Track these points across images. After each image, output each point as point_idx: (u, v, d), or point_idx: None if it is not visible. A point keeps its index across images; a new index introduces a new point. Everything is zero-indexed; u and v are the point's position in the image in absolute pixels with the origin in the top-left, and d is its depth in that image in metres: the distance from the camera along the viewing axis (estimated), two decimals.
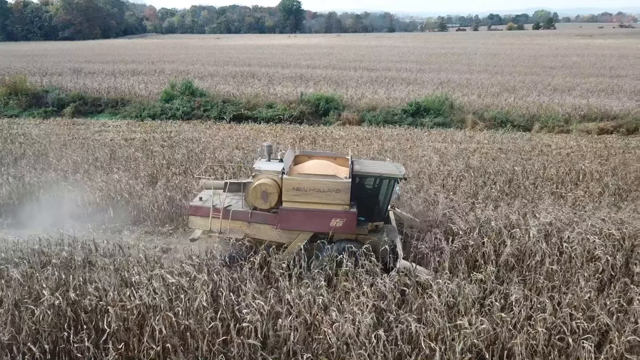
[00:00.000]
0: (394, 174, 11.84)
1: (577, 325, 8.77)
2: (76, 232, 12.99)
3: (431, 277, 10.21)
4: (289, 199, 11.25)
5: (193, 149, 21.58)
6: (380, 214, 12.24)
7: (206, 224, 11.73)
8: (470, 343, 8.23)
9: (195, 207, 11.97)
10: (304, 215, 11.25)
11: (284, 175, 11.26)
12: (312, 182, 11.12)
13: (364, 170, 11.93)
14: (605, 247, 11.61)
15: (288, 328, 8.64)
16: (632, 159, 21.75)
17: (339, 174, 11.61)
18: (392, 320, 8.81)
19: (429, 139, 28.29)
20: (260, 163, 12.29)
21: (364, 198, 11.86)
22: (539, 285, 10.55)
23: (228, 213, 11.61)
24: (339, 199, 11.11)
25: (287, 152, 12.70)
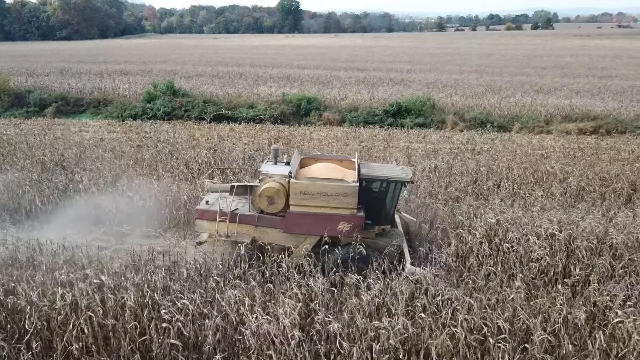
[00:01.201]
0: (402, 178, 11.84)
1: (500, 326, 8.82)
2: (29, 233, 13.07)
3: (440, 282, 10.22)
4: (296, 203, 11.29)
5: (162, 149, 21.65)
6: (387, 217, 12.25)
7: (213, 228, 11.76)
8: (388, 344, 8.27)
9: (202, 210, 11.99)
10: (311, 219, 11.28)
11: (291, 179, 11.27)
12: (320, 186, 11.14)
13: (371, 173, 11.92)
14: (545, 247, 11.65)
15: (214, 328, 8.69)
16: (600, 159, 21.77)
17: (345, 177, 11.64)
18: (317, 321, 8.85)
19: (407, 140, 28.36)
20: (267, 166, 12.32)
21: (371, 201, 11.84)
22: (476, 286, 10.60)
23: (235, 216, 11.64)
24: (346, 202, 11.15)
25: (294, 155, 12.75)
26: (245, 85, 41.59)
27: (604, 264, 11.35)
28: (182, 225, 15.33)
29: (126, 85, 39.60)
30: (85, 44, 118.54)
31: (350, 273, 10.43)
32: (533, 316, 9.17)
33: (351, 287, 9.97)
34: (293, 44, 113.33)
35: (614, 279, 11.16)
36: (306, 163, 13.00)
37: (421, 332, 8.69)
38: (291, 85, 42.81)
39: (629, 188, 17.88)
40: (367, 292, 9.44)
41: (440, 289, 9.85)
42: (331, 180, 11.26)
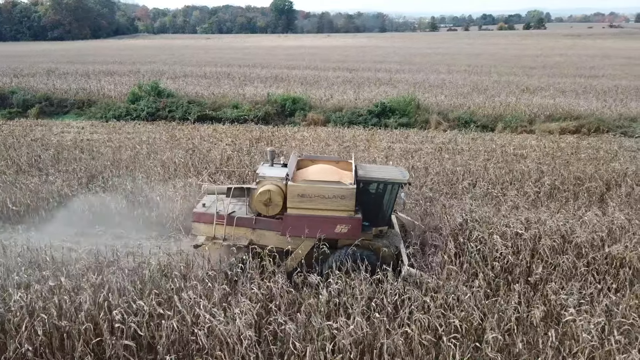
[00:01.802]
0: (399, 179, 11.83)
1: (456, 325, 8.89)
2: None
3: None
4: (294, 206, 11.24)
5: (140, 150, 21.62)
6: (385, 219, 12.25)
7: (210, 231, 11.69)
8: (341, 344, 8.31)
9: (199, 213, 11.92)
10: (308, 222, 11.24)
11: (288, 182, 11.24)
12: (317, 189, 11.11)
13: (369, 175, 11.90)
14: (509, 247, 11.74)
15: (169, 329, 8.70)
16: (579, 159, 21.91)
17: (343, 179, 11.62)
18: (273, 321, 8.89)
19: (390, 140, 28.39)
20: (263, 168, 12.25)
21: (368, 203, 11.84)
22: (439, 285, 10.66)
23: (232, 219, 11.60)
24: (343, 205, 11.12)
25: (291, 157, 12.69)
26: (232, 85, 41.57)
27: (566, 263, 11.45)
28: (154, 226, 15.31)
29: (112, 85, 39.47)
30: (76, 44, 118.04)
31: (352, 273, 10.49)
32: (491, 315, 9.24)
33: (312, 287, 9.99)
34: (285, 44, 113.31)
35: (576, 277, 11.25)
36: (303, 165, 12.96)
37: (376, 332, 8.73)
38: (278, 85, 42.80)
39: (603, 187, 18.05)
40: (324, 292, 9.46)
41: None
42: (329, 183, 11.25)
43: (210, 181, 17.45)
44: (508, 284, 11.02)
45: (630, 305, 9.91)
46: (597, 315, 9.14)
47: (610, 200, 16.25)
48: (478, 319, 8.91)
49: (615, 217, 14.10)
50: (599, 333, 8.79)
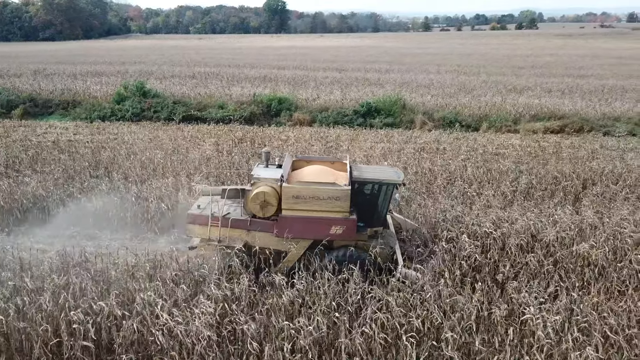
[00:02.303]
0: (393, 180, 11.84)
1: (416, 325, 8.94)
2: None
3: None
4: (289, 207, 11.21)
5: (119, 151, 21.57)
6: (380, 219, 12.25)
7: (205, 233, 11.65)
8: (300, 344, 8.34)
9: (194, 215, 11.87)
10: (303, 223, 11.24)
11: (283, 183, 11.22)
12: (312, 190, 11.09)
13: (363, 176, 11.90)
14: (478, 246, 11.81)
15: (129, 330, 8.70)
16: (556, 158, 22.05)
17: (337, 180, 11.63)
18: (233, 321, 8.90)
19: (374, 139, 28.45)
20: (258, 170, 12.22)
21: (363, 204, 11.84)
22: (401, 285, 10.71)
23: (227, 221, 11.56)
24: (338, 206, 11.10)
25: (285, 158, 12.67)
26: (219, 85, 41.52)
27: (533, 262, 11.53)
28: (130, 226, 15.29)
29: (98, 86, 39.33)
30: (67, 44, 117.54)
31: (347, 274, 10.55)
32: (453, 314, 9.30)
33: (275, 287, 10.02)
34: (276, 44, 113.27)
35: (542, 275, 11.34)
36: (298, 166, 12.95)
37: (337, 332, 8.77)
38: (266, 85, 42.77)
39: (579, 186, 18.18)
40: (286, 292, 9.49)
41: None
42: (323, 184, 11.25)
43: (201, 183, 17.40)
44: (473, 283, 11.09)
45: (593, 303, 10.01)
46: (556, 313, 9.22)
47: (584, 199, 16.36)
48: (438, 318, 8.96)
49: (587, 216, 14.23)
50: (558, 331, 8.87)
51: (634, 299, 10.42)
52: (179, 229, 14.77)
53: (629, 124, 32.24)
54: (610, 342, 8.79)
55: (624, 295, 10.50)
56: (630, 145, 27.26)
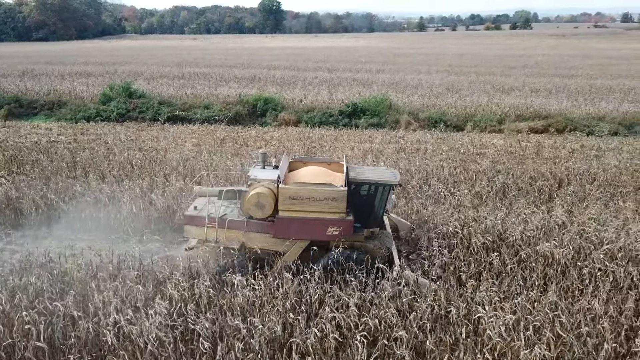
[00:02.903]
0: (390, 181, 11.86)
1: (370, 324, 9.00)
2: None
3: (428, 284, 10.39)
4: (285, 208, 11.22)
5: (97, 151, 21.57)
6: (376, 220, 12.27)
7: (202, 234, 11.65)
8: (254, 342, 8.38)
9: (191, 216, 11.88)
10: (300, 224, 11.27)
11: (280, 184, 11.25)
12: (309, 191, 11.10)
13: (360, 177, 11.91)
14: (445, 247, 11.88)
15: (84, 330, 8.72)
16: (535, 158, 22.16)
17: (334, 181, 11.63)
18: (187, 321, 8.94)
19: (358, 139, 28.50)
20: (255, 171, 12.22)
21: (359, 205, 11.86)
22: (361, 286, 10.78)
23: (224, 222, 11.59)
24: (335, 207, 11.13)
25: (282, 159, 12.68)
26: (206, 86, 41.54)
27: (496, 261, 11.61)
28: (102, 227, 15.30)
29: (85, 86, 39.28)
30: (61, 45, 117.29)
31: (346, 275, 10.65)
32: (409, 313, 9.36)
33: (234, 287, 10.05)
34: (270, 44, 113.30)
35: (505, 274, 11.41)
36: (294, 167, 12.96)
37: (293, 331, 8.81)
38: (254, 85, 42.83)
39: (555, 185, 18.28)
40: (243, 292, 9.53)
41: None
42: (320, 185, 11.27)
43: (148, 182, 17.38)
44: (436, 282, 11.17)
45: (550, 302, 10.08)
46: (512, 312, 9.28)
47: (556, 199, 16.45)
48: (392, 318, 9.02)
49: (555, 215, 14.32)
50: (510, 329, 8.93)
51: (596, 297, 10.49)
52: (150, 229, 14.89)
53: (612, 124, 32.41)
54: (562, 340, 8.85)
55: (582, 294, 10.57)
56: (612, 145, 27.42)
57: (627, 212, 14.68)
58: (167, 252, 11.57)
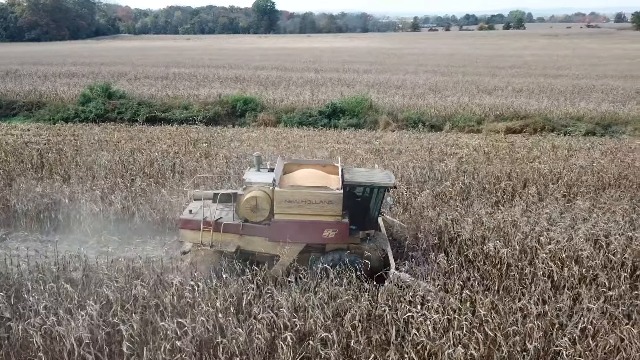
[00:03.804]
0: (385, 183, 11.85)
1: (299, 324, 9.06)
2: None
3: (429, 287, 10.47)
4: (281, 211, 11.21)
5: (66, 153, 21.57)
6: (372, 222, 12.28)
7: (197, 237, 11.62)
8: (179, 343, 8.42)
9: (186, 220, 11.83)
10: (296, 227, 11.22)
11: (275, 188, 11.23)
12: (304, 194, 11.09)
13: (355, 179, 11.90)
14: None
15: (16, 332, 8.74)
16: (513, 157, 22.26)
17: (329, 183, 11.65)
18: (116, 322, 8.96)
19: (336, 140, 28.50)
20: (250, 174, 12.18)
21: (355, 207, 11.87)
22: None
23: (219, 226, 11.56)
24: (331, 210, 11.11)
25: (277, 162, 12.67)
26: (189, 86, 41.54)
27: (442, 261, 11.68)
28: (62, 227, 15.32)
29: (66, 87, 39.20)
30: (52, 45, 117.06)
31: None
32: (344, 313, 9.42)
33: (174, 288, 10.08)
34: (261, 45, 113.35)
35: (451, 274, 11.48)
36: (289, 169, 12.96)
37: (224, 332, 8.85)
38: (237, 86, 42.80)
39: (520, 185, 18.37)
40: (170, 291, 9.58)
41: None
42: (316, 188, 11.26)
43: (111, 183, 17.36)
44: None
45: (489, 301, 10.14)
46: (441, 312, 9.35)
47: (515, 199, 16.54)
48: (323, 319, 9.07)
49: (511, 215, 14.40)
50: (440, 329, 9.00)
51: (535, 297, 10.57)
52: (109, 230, 14.91)
53: (590, 124, 32.58)
54: (491, 339, 8.91)
55: (524, 294, 10.64)
56: (587, 145, 27.55)
57: (580, 212, 14.75)
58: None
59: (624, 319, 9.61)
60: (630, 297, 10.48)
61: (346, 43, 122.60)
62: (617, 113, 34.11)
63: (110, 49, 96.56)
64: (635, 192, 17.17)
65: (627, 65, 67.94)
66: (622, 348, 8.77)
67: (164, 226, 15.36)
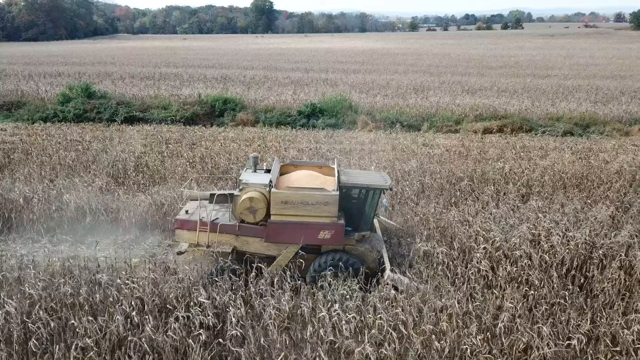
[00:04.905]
0: (381, 185, 11.95)
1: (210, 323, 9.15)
2: None
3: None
4: (277, 212, 11.29)
5: (31, 152, 21.67)
6: (367, 224, 12.37)
7: (193, 238, 11.70)
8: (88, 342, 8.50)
9: (182, 220, 11.92)
10: (292, 228, 11.35)
11: (272, 189, 11.29)
12: (300, 196, 11.19)
13: (351, 181, 12.00)
14: None
15: None
16: (485, 158, 22.29)
17: (326, 185, 11.72)
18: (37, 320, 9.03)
19: (310, 140, 28.53)
20: (246, 175, 12.26)
21: (350, 208, 11.96)
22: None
23: (216, 226, 11.64)
24: (327, 211, 11.21)
25: (274, 163, 12.78)
26: (173, 86, 41.61)
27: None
28: (16, 227, 15.40)
29: (49, 87, 39.32)
30: (48, 45, 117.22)
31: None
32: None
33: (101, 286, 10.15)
34: (257, 44, 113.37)
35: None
36: (286, 170, 13.05)
37: (142, 331, 8.93)
38: (221, 85, 42.89)
39: (478, 185, 18.41)
40: (83, 290, 9.68)
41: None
42: (312, 190, 11.34)
43: (70, 181, 17.44)
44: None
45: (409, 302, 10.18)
46: (356, 312, 9.41)
47: (468, 199, 16.58)
48: (235, 317, 9.15)
49: (460, 214, 14.45)
50: (354, 329, 9.06)
51: (459, 295, 10.60)
52: (63, 229, 15.03)
53: (568, 124, 32.59)
54: (406, 339, 8.96)
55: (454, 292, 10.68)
56: (562, 145, 27.57)
57: (527, 212, 14.78)
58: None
59: (542, 318, 9.65)
60: (556, 296, 10.51)
61: (342, 43, 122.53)
62: (596, 113, 34.10)
63: (106, 49, 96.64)
64: (590, 192, 17.18)
65: (617, 65, 67.81)
66: (536, 347, 8.81)
67: (117, 226, 15.44)
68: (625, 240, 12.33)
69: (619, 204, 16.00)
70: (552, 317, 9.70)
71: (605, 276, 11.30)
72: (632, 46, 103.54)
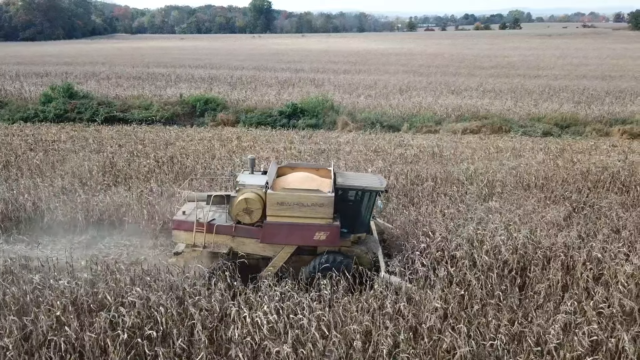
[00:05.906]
0: (376, 187, 12.02)
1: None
2: None
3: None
4: (273, 214, 11.38)
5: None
6: (363, 225, 12.45)
7: (190, 238, 11.81)
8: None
9: (179, 221, 12.01)
10: (288, 229, 11.43)
11: (268, 190, 11.36)
12: (296, 197, 11.27)
13: (347, 183, 12.06)
14: None
15: None
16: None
17: (322, 187, 11.79)
18: None
19: (289, 140, 28.55)
20: (243, 176, 12.38)
21: (346, 210, 12.04)
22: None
23: (212, 227, 11.72)
24: (322, 212, 11.29)
25: (271, 165, 12.89)
26: (158, 86, 41.64)
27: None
28: None
29: (33, 87, 39.41)
30: (45, 45, 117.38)
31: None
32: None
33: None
34: (253, 44, 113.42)
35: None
36: (283, 172, 13.11)
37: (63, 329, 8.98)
38: (206, 85, 42.92)
39: (445, 186, 18.44)
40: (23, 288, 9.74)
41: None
42: (308, 191, 11.41)
43: (40, 180, 17.51)
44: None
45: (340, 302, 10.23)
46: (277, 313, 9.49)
47: (425, 199, 16.61)
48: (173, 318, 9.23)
49: (419, 214, 14.50)
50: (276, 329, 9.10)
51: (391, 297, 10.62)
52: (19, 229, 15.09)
53: (548, 125, 32.58)
54: (330, 339, 9.00)
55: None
56: (538, 146, 27.56)
57: (480, 212, 14.80)
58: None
59: (473, 319, 9.68)
60: (491, 296, 10.54)
61: (338, 43, 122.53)
62: (577, 114, 34.04)
63: (101, 49, 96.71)
64: (552, 192, 17.19)
65: (610, 65, 67.68)
66: (457, 347, 8.84)
67: (74, 225, 15.49)
68: (568, 240, 12.33)
69: (577, 205, 15.99)
70: (480, 317, 9.71)
71: (545, 276, 11.32)
72: (628, 46, 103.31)
